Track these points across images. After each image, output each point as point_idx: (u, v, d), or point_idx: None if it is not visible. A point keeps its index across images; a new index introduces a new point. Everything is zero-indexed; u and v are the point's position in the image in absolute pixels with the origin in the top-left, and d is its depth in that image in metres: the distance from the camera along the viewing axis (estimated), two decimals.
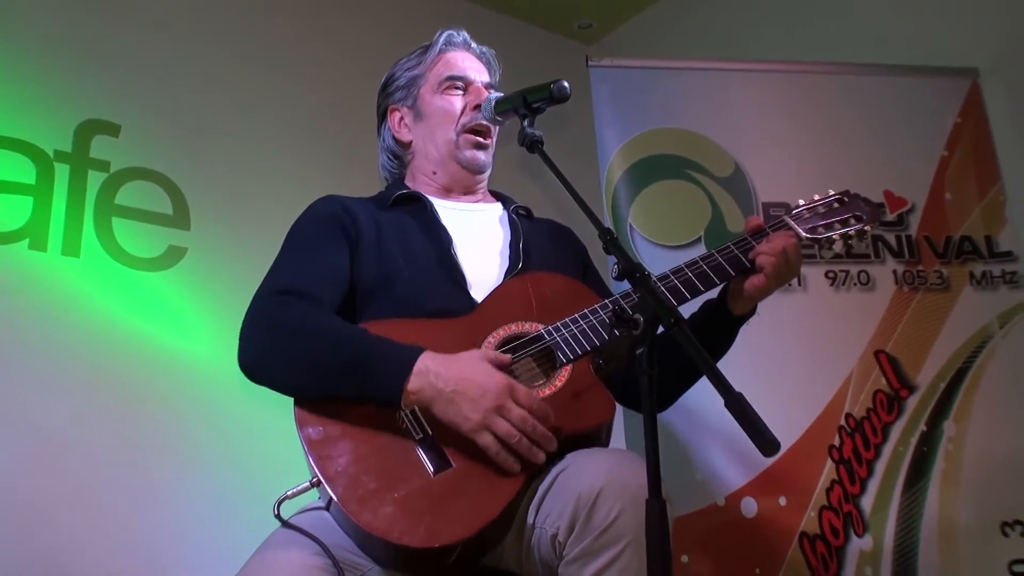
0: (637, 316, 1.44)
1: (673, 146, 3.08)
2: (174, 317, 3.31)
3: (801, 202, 2.07)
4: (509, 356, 1.79)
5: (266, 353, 1.79)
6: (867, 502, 2.75)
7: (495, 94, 2.12)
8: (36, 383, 2.99)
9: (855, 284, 2.95)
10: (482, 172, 2.21)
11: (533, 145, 1.86)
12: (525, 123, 1.91)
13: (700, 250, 2.88)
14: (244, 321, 1.83)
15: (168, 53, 3.58)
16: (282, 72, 3.84)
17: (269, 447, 2.92)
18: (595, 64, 3.19)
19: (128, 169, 3.36)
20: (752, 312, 2.02)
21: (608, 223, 2.98)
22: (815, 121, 3.13)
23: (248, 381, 1.82)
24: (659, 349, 1.41)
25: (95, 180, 3.28)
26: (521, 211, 2.22)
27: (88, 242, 3.20)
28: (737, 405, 1.24)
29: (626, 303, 1.81)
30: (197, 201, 3.47)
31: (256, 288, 1.91)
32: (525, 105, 1.92)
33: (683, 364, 1.43)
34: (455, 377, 1.67)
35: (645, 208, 3.01)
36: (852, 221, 2.01)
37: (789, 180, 3.03)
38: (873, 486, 2.76)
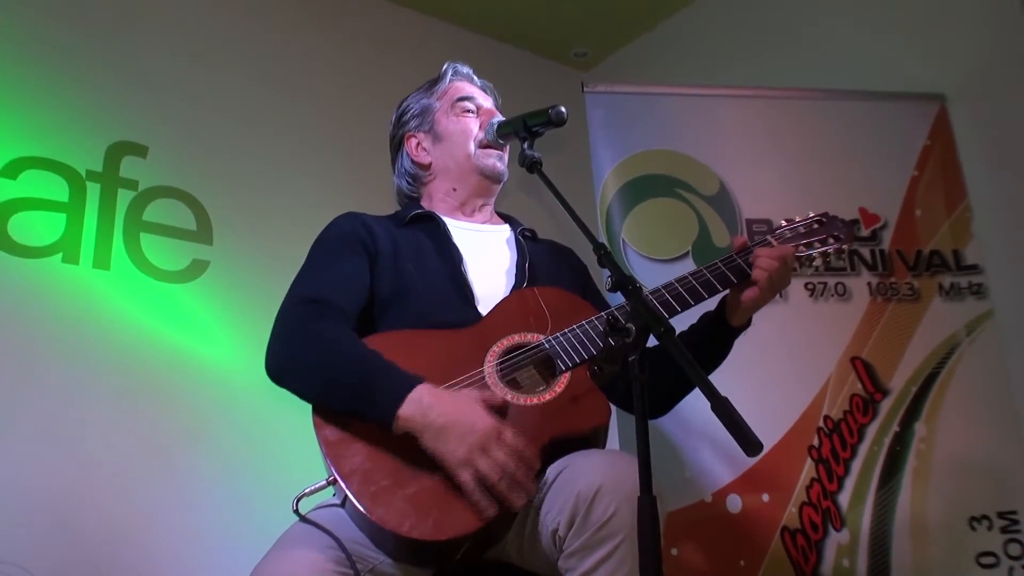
0: (629, 325, 1.44)
1: (663, 166, 3.09)
2: (197, 326, 3.31)
3: (783, 223, 2.07)
4: (504, 398, 1.76)
5: (289, 363, 1.80)
6: (844, 498, 2.73)
7: (498, 117, 2.16)
8: (68, 387, 2.99)
9: (832, 295, 2.93)
10: (499, 181, 2.21)
11: (532, 166, 1.87)
12: (525, 145, 1.93)
13: (688, 263, 2.93)
14: (273, 328, 1.84)
15: (193, 79, 3.59)
16: (299, 97, 3.85)
17: (287, 449, 2.95)
18: (590, 90, 3.18)
19: (155, 188, 3.36)
20: (748, 324, 2.01)
21: (602, 238, 2.98)
22: (795, 143, 3.12)
23: (267, 386, 1.82)
24: (659, 359, 1.41)
25: (124, 198, 3.28)
26: (527, 233, 2.22)
27: (117, 256, 3.20)
28: (723, 409, 1.24)
29: (620, 314, 1.82)
30: (219, 218, 3.46)
31: (275, 298, 1.92)
32: (525, 128, 1.95)
33: (680, 374, 1.44)
34: (447, 411, 1.65)
35: (637, 224, 3.02)
36: (831, 240, 2.01)
37: (771, 198, 3.03)
38: (850, 483, 2.74)
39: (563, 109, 1.87)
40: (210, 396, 3.23)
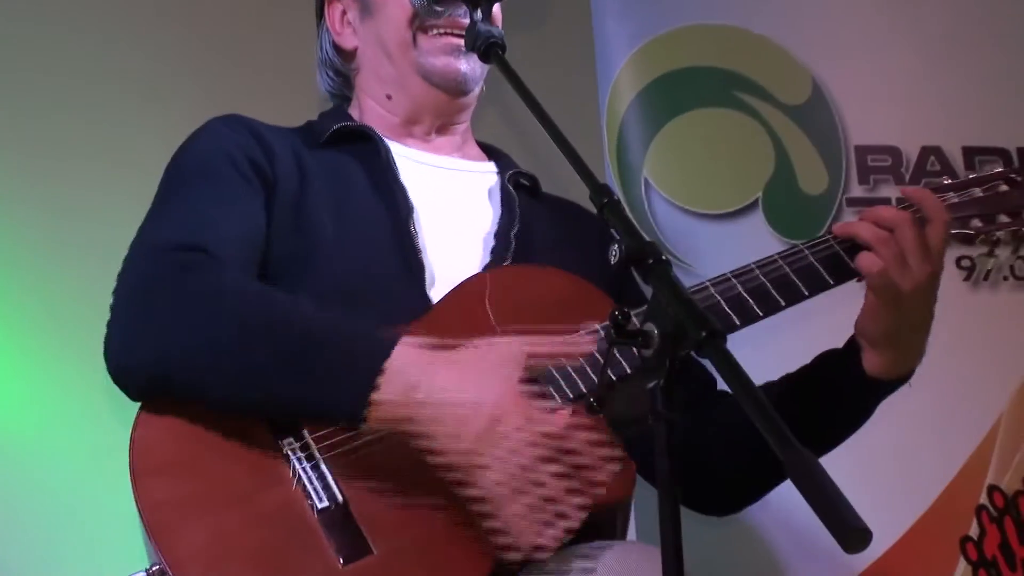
0: (649, 327, 1.38)
1: (714, 55, 2.78)
2: None
3: (945, 179, 1.85)
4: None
5: (162, 340, 1.68)
6: None
7: None
8: None
9: (1005, 278, 2.82)
10: (463, 91, 2.06)
11: (489, 48, 1.76)
12: (476, 14, 1.76)
13: (757, 218, 2.70)
14: (116, 296, 1.70)
15: None
16: None
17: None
18: None
19: None
20: (901, 379, 1.86)
21: (610, 178, 2.79)
22: (937, 23, 2.89)
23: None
24: (731, 415, 1.37)
25: None
26: (523, 180, 2.10)
27: None
28: (803, 469, 1.12)
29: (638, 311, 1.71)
30: None
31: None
32: None
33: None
34: (443, 388, 1.61)
35: (669, 154, 2.94)
36: None
37: (896, 111, 2.78)
38: None
39: None
40: None
